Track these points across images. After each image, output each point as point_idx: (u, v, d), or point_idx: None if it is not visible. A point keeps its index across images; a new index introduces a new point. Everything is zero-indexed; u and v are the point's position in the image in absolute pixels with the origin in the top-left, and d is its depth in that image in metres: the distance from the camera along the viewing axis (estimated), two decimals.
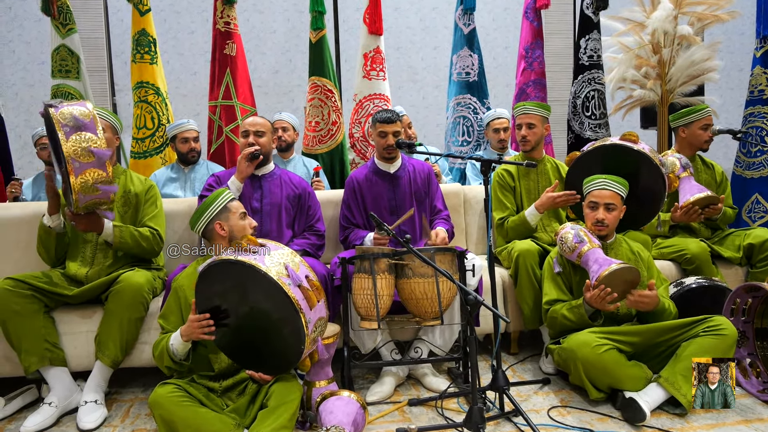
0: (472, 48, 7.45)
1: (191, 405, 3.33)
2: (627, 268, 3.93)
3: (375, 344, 4.45)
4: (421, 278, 4.00)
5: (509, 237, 5.18)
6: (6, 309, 3.99)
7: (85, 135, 3.75)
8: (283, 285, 3.19)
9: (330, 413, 3.48)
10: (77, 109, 3.82)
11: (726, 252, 5.19)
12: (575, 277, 4.39)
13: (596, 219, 4.27)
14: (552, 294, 4.40)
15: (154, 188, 4.76)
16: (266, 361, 3.48)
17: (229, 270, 3.32)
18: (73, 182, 3.70)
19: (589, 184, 4.39)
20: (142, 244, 4.43)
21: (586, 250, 4.14)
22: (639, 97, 7.13)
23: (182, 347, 3.51)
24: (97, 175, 3.79)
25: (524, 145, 5.32)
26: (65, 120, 3.73)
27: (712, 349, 3.83)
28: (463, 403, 4.12)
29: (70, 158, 3.68)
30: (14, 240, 4.97)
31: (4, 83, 9.58)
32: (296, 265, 3.37)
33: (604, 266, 3.96)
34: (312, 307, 3.29)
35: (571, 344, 3.99)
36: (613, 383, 3.94)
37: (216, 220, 3.81)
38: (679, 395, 3.78)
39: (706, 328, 3.91)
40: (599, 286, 3.93)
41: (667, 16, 6.67)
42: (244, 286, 3.33)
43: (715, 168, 5.62)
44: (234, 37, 6.89)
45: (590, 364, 3.89)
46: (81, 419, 3.96)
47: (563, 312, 4.23)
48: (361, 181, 5.02)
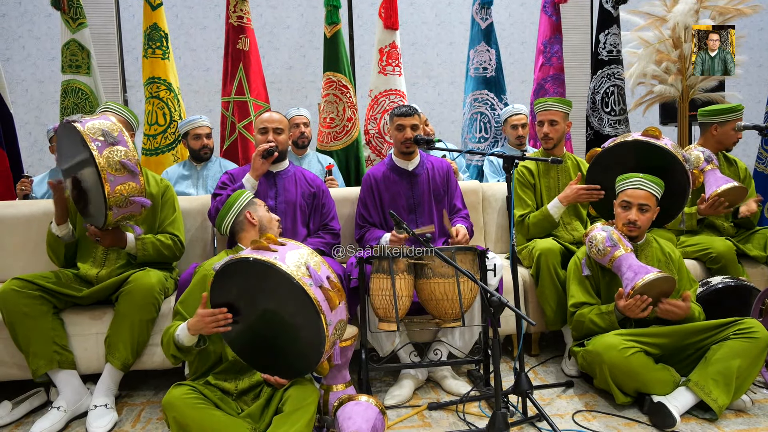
0: (489, 43, 7.37)
1: (206, 408, 3.28)
2: (664, 278, 3.83)
3: (393, 346, 4.38)
4: (441, 278, 3.92)
5: (530, 234, 5.09)
6: (14, 310, 3.96)
7: (117, 149, 3.80)
8: (304, 285, 3.09)
9: (348, 419, 3.40)
10: (104, 122, 3.86)
11: (752, 251, 5.09)
12: (603, 280, 4.30)
13: (628, 219, 4.15)
14: (579, 297, 4.30)
15: (170, 189, 4.73)
16: (283, 365, 3.39)
17: (248, 269, 3.22)
18: (109, 197, 3.74)
19: (622, 182, 4.26)
20: (165, 252, 4.46)
21: (619, 255, 4.03)
22: (660, 92, 7.05)
23: (188, 340, 3.43)
24: (131, 188, 3.86)
25: (546, 143, 5.21)
26: (95, 134, 3.76)
27: (744, 352, 3.73)
28: (485, 407, 4.04)
29: (105, 172, 3.70)
30: (24, 238, 4.99)
31: (15, 79, 9.60)
32: (318, 265, 3.28)
33: (640, 274, 3.86)
34: (333, 309, 3.20)
35: (597, 347, 3.89)
36: (640, 387, 3.85)
37: (246, 210, 3.88)
38: (710, 400, 3.68)
39: (737, 331, 3.82)
40: (635, 296, 3.83)
41: (689, 10, 6.58)
42: (263, 286, 3.23)
43: (738, 164, 5.53)
44: (247, 31, 6.87)
45: (617, 368, 3.80)
46: (90, 424, 3.90)
47: (591, 317, 4.13)
48: (379, 179, 4.95)
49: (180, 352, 3.49)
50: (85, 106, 6.92)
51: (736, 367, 3.70)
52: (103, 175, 3.67)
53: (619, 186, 4.28)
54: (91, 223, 4.06)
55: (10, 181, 6.38)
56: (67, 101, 6.91)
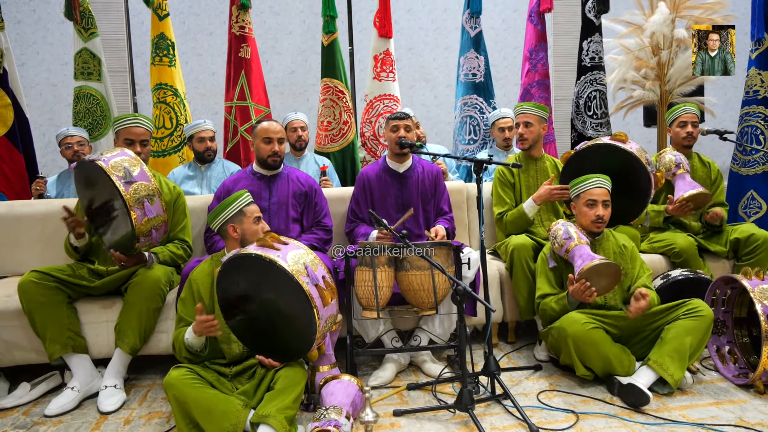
0: (478, 50, 7.63)
1: (202, 387, 3.55)
2: (605, 264, 4.17)
3: (378, 333, 4.69)
4: (418, 271, 4.26)
5: (508, 230, 5.40)
6: (32, 300, 4.25)
7: (140, 184, 4.10)
8: (301, 282, 3.44)
9: (331, 395, 3.73)
10: (124, 158, 4.16)
11: (713, 246, 5.42)
12: (566, 272, 4.59)
13: (596, 216, 4.47)
14: (544, 289, 4.64)
15: (182, 196, 5.00)
16: (278, 349, 3.72)
17: (252, 263, 3.56)
18: (136, 228, 4.06)
19: (583, 183, 4.57)
20: (178, 261, 4.80)
21: (573, 246, 4.37)
22: (639, 97, 7.29)
23: (197, 341, 3.79)
24: (155, 221, 4.19)
25: (522, 143, 5.55)
26: (119, 172, 4.05)
27: (693, 329, 4.12)
28: (458, 387, 4.29)
29: (132, 208, 4.01)
30: (39, 234, 5.31)
31: (29, 83, 9.75)
32: (315, 265, 3.61)
33: (586, 261, 4.21)
34: (325, 305, 3.54)
35: (563, 323, 4.25)
36: (603, 364, 4.19)
37: (230, 223, 4.00)
38: (667, 375, 4.05)
39: (686, 312, 4.21)
40: (580, 280, 4.18)
41: (665, 20, 6.83)
42: (265, 280, 3.56)
43: (711, 166, 5.83)
44: (248, 40, 7.16)
45: (579, 339, 4.14)
46: (101, 402, 4.21)
47: (551, 304, 4.49)
48: (372, 178, 5.21)
49: (192, 354, 3.85)
50: (96, 110, 7.21)
51: (688, 344, 4.10)
52: (130, 211, 4.00)
53: (579, 187, 4.59)
54: (116, 249, 4.33)
55: (26, 181, 6.64)
56: (79, 106, 7.20)
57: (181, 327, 3.94)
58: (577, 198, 4.60)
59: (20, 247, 5.33)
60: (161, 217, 4.23)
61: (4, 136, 6.53)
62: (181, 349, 3.84)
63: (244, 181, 5.05)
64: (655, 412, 3.89)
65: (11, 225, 5.33)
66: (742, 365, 4.43)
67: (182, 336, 3.82)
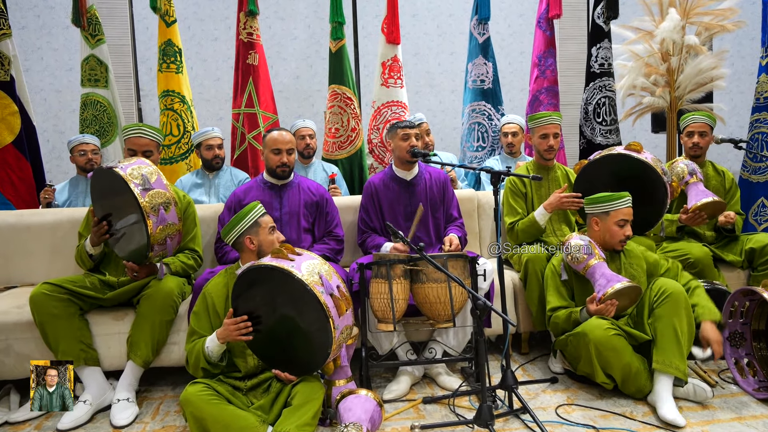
0: (486, 56, 7.62)
1: (219, 403, 3.53)
2: (632, 287, 4.19)
3: (392, 345, 4.66)
4: (434, 283, 4.22)
5: (519, 239, 5.36)
6: (44, 312, 4.22)
7: (157, 191, 4.11)
8: (316, 293, 3.42)
9: (349, 410, 3.69)
10: (141, 167, 4.18)
11: (728, 256, 5.40)
12: (577, 284, 4.60)
13: (626, 236, 4.49)
14: (554, 302, 4.62)
15: (191, 205, 4.99)
16: (294, 363, 3.69)
17: (267, 275, 3.54)
18: (152, 236, 4.07)
19: (615, 202, 4.49)
20: (189, 271, 4.79)
21: (593, 263, 4.36)
22: (648, 103, 7.24)
23: (218, 349, 3.75)
24: (170, 230, 4.21)
25: (550, 154, 5.49)
26: (137, 180, 4.07)
27: (671, 312, 4.14)
28: (475, 401, 4.30)
29: (148, 215, 4.02)
30: (48, 244, 5.28)
31: (33, 89, 9.69)
32: (329, 275, 3.60)
33: (612, 282, 4.20)
34: (341, 315, 3.52)
35: (585, 328, 4.21)
36: (624, 372, 4.17)
37: (246, 235, 3.99)
38: (674, 370, 4.04)
39: (656, 300, 4.23)
40: (606, 301, 4.17)
41: (675, 27, 6.80)
42: (280, 291, 3.54)
43: (725, 175, 5.83)
44: (256, 47, 7.15)
45: (601, 344, 4.12)
46: (114, 416, 4.18)
47: (562, 317, 4.49)
48: (379, 187, 5.18)
49: (209, 365, 3.81)
50: (103, 117, 7.19)
51: (676, 329, 4.08)
52: (146, 218, 4.00)
53: (609, 205, 4.50)
54: (129, 258, 4.35)
55: (33, 189, 6.63)
56: (86, 113, 7.19)
57: (193, 340, 3.90)
58: (605, 215, 4.52)
59: (30, 256, 5.30)
60: (176, 225, 4.24)
61: (12, 143, 6.51)
62: (199, 360, 3.79)
63: (255, 190, 5.04)
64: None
65: (21, 234, 5.29)
66: (762, 378, 4.38)
67: (200, 346, 3.79)
